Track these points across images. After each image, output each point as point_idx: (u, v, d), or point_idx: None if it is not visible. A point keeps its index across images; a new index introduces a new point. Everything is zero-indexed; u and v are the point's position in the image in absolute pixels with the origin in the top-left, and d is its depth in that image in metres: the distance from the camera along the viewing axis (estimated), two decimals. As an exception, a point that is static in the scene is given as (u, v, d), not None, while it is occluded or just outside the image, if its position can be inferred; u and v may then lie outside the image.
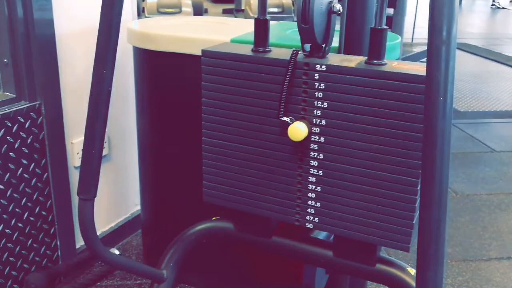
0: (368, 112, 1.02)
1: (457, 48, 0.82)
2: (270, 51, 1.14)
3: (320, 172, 1.10)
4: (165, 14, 4.50)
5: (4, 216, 1.64)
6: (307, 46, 1.07)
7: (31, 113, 1.65)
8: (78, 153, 1.86)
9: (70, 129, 1.82)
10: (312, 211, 1.14)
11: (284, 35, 1.62)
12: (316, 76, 1.05)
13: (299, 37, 1.05)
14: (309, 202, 1.14)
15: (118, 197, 2.17)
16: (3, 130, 1.57)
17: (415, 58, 6.17)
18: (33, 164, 1.69)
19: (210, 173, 1.23)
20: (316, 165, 1.10)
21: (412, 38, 7.24)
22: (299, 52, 1.07)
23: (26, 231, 1.72)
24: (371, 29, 1.03)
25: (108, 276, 1.97)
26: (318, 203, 1.13)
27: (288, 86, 1.07)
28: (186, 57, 1.60)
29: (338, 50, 1.26)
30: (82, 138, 1.11)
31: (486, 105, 4.48)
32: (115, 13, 1.04)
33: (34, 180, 1.71)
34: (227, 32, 1.69)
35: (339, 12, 1.04)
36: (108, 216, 2.13)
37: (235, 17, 6.25)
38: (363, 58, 1.07)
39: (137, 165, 1.95)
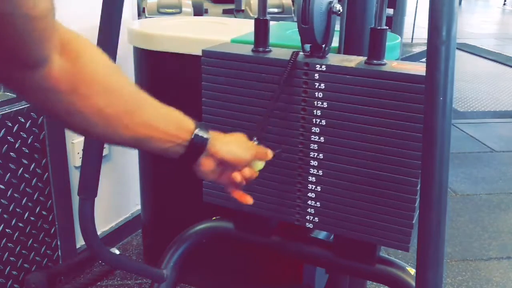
0: (368, 112, 1.02)
1: (457, 48, 0.82)
2: (270, 51, 1.14)
3: (320, 172, 1.10)
4: (166, 14, 4.50)
5: (5, 216, 1.64)
6: (307, 46, 1.07)
7: (32, 113, 1.65)
8: (78, 153, 1.86)
9: (70, 129, 1.82)
10: (312, 211, 1.14)
11: (284, 35, 1.62)
12: (316, 76, 1.05)
13: (299, 37, 1.05)
14: (309, 202, 1.14)
15: (118, 197, 2.18)
16: (3, 130, 1.57)
17: (415, 58, 6.17)
18: (34, 164, 1.69)
19: (210, 173, 1.23)
20: (316, 165, 1.10)
21: (412, 38, 7.24)
22: (300, 53, 1.08)
23: (27, 231, 1.72)
24: (371, 29, 1.03)
25: (109, 276, 1.97)
26: (318, 203, 1.13)
27: (288, 86, 1.07)
28: (186, 57, 1.60)
29: (338, 50, 1.26)
30: (83, 138, 1.11)
31: (486, 105, 4.48)
32: (116, 13, 1.04)
33: (34, 180, 1.71)
34: (227, 32, 1.69)
35: (339, 12, 1.04)
36: (108, 216, 2.13)
37: (235, 17, 6.25)
38: (363, 58, 1.07)
39: (137, 165, 1.95)
